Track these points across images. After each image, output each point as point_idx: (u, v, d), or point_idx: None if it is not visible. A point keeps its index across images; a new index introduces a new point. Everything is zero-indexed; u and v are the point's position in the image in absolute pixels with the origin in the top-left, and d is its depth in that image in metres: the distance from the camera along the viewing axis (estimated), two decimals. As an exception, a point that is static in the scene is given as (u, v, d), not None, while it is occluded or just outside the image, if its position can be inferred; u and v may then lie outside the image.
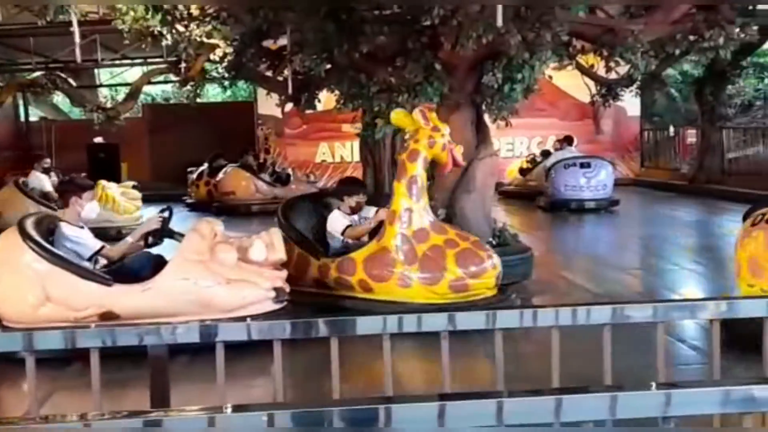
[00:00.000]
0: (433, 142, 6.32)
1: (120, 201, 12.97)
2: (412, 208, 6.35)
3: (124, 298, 5.60)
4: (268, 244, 6.14)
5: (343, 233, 6.77)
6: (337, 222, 6.84)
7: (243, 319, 3.06)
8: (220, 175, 16.19)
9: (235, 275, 5.81)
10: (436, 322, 2.66)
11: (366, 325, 2.66)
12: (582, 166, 14.39)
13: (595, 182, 14.27)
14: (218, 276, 5.73)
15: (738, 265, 5.58)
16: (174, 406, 2.63)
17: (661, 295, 7.40)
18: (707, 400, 1.81)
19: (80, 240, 5.88)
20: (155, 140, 21.95)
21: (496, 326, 2.62)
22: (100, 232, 6.87)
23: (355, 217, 6.95)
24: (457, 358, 2.88)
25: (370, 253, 6.41)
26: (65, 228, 5.87)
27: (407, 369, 5.21)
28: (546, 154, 16.58)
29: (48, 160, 14.41)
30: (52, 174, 13.07)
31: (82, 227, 6.01)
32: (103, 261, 6.04)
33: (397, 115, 6.50)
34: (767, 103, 20.72)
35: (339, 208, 6.92)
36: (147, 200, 14.34)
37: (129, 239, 6.18)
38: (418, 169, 6.37)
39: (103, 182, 12.94)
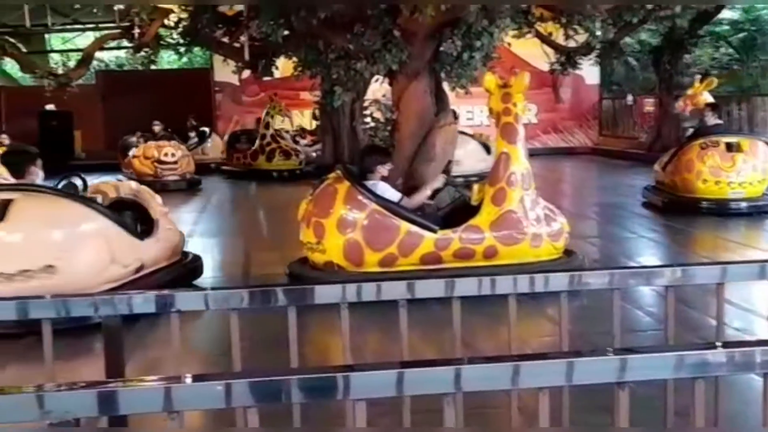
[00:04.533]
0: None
1: None
2: (529, 169, 6.47)
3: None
4: None
5: (398, 204, 6.48)
6: (389, 192, 6.51)
7: (201, 288, 3.02)
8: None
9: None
10: (395, 290, 2.66)
11: (324, 293, 2.65)
12: None
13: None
14: None
15: (698, 171, 9.74)
16: (129, 377, 2.60)
17: (618, 263, 7.50)
18: (662, 365, 1.83)
19: None
20: (109, 108, 21.55)
21: (455, 294, 2.63)
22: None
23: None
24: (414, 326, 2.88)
25: (494, 218, 6.33)
26: None
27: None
28: None
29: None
30: None
31: None
32: None
33: (489, 79, 6.49)
34: (723, 72, 20.96)
35: (370, 180, 6.50)
36: (101, 170, 14.12)
37: None
38: (522, 132, 6.52)
39: None
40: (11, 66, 21.35)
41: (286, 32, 8.09)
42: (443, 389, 1.77)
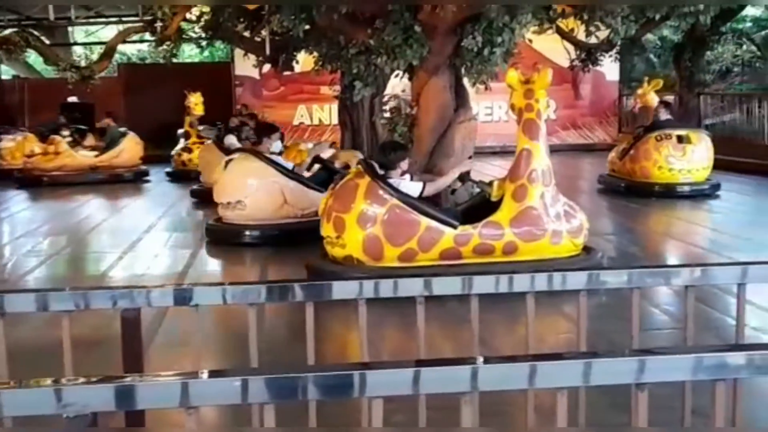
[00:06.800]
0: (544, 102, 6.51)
1: None
2: (549, 165, 6.44)
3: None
4: None
5: (421, 195, 6.44)
6: (411, 187, 6.46)
7: (219, 283, 3.04)
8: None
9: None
10: (412, 286, 2.65)
11: (342, 289, 2.65)
12: None
13: None
14: None
15: (655, 160, 11.33)
16: (147, 371, 2.61)
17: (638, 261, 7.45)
18: (681, 367, 1.81)
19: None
20: (131, 101, 21.61)
21: (472, 291, 2.62)
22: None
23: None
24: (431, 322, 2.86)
25: (515, 214, 6.29)
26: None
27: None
28: None
29: (235, 120, 14.19)
30: (232, 137, 12.80)
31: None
32: None
33: (512, 76, 6.43)
34: (745, 69, 20.75)
35: (390, 177, 6.41)
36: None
37: None
38: (544, 128, 6.48)
39: None
40: (34, 58, 21.49)
41: (307, 27, 8.11)
42: (459, 389, 1.76)
